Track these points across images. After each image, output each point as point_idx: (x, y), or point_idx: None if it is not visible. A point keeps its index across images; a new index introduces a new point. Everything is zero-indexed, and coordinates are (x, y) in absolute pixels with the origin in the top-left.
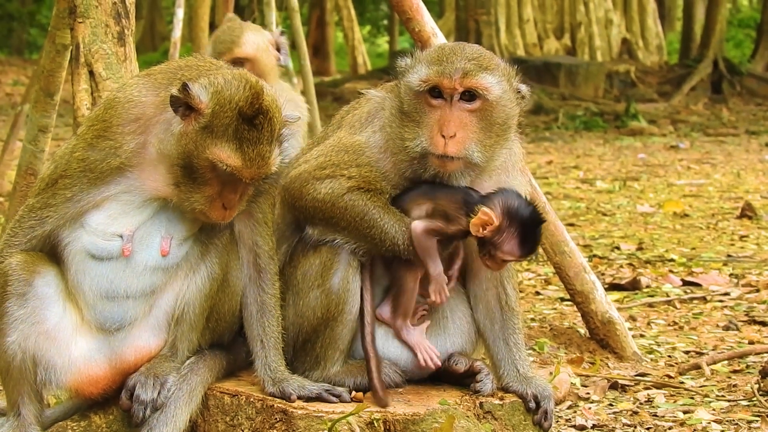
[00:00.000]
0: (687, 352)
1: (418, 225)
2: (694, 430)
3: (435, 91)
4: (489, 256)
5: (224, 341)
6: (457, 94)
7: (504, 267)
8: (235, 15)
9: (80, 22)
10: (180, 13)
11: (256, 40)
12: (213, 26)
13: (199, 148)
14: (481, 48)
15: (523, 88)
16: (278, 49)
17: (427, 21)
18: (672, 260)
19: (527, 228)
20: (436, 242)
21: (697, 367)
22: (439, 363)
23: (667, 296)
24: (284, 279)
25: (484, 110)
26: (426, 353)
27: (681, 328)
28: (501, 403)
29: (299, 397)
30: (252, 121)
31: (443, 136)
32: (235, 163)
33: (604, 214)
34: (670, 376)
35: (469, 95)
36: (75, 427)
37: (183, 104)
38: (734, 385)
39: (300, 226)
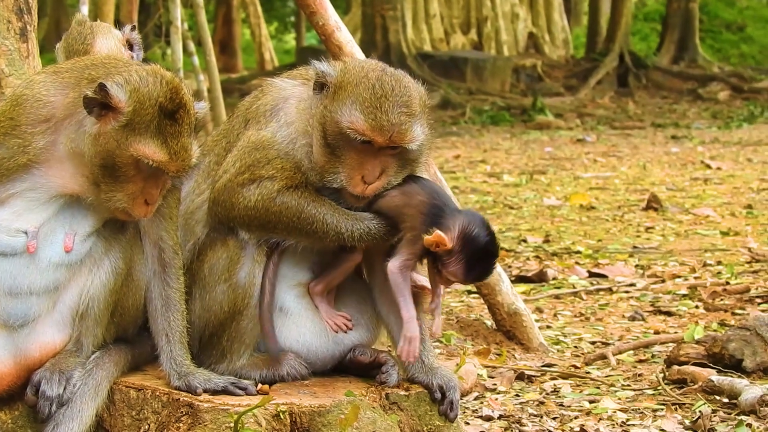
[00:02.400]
0: (593, 343)
1: (393, 264)
2: (600, 419)
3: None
4: (436, 270)
5: (129, 335)
6: (386, 146)
7: (449, 285)
8: (84, 16)
9: None
10: (84, 10)
11: (108, 44)
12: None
13: (122, 147)
14: (406, 83)
15: (431, 123)
16: (131, 47)
17: (330, 15)
18: (578, 252)
19: (477, 257)
20: (410, 280)
21: (603, 357)
22: (351, 327)
23: (574, 288)
24: (191, 273)
25: (405, 153)
26: (338, 320)
27: (587, 319)
28: (407, 394)
29: (205, 391)
30: (173, 115)
31: (364, 181)
32: (161, 158)
33: (511, 208)
34: (576, 367)
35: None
36: None
37: (97, 104)
38: (639, 375)
39: (207, 223)
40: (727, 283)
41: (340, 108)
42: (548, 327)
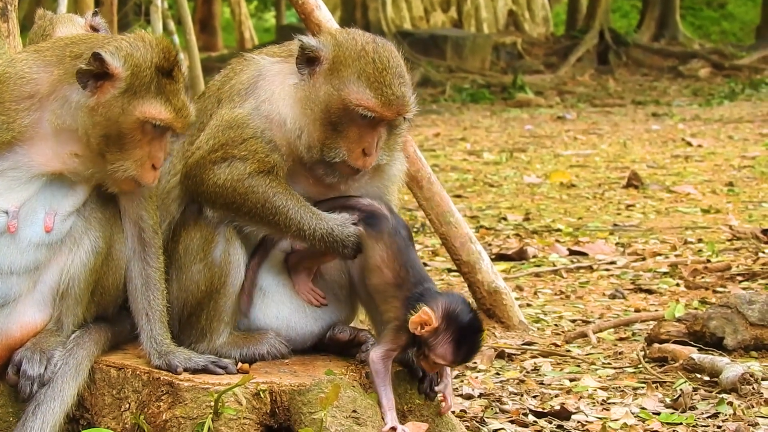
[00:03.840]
0: (573, 321)
1: (375, 353)
2: (581, 397)
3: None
4: (423, 356)
5: (109, 315)
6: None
7: (435, 370)
8: (44, 11)
9: None
10: None
11: (70, 32)
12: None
13: (126, 112)
14: (394, 50)
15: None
16: (96, 32)
17: None
18: (558, 230)
19: (464, 335)
20: (390, 370)
21: (584, 335)
22: (325, 302)
23: (554, 266)
24: (167, 254)
25: (398, 122)
26: (310, 294)
27: (567, 297)
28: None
29: (185, 370)
30: (170, 74)
31: (365, 154)
32: (168, 117)
33: (491, 186)
34: (556, 345)
35: None
36: None
37: (92, 76)
38: (620, 353)
39: (182, 201)
40: (708, 260)
41: (345, 85)
42: (528, 305)
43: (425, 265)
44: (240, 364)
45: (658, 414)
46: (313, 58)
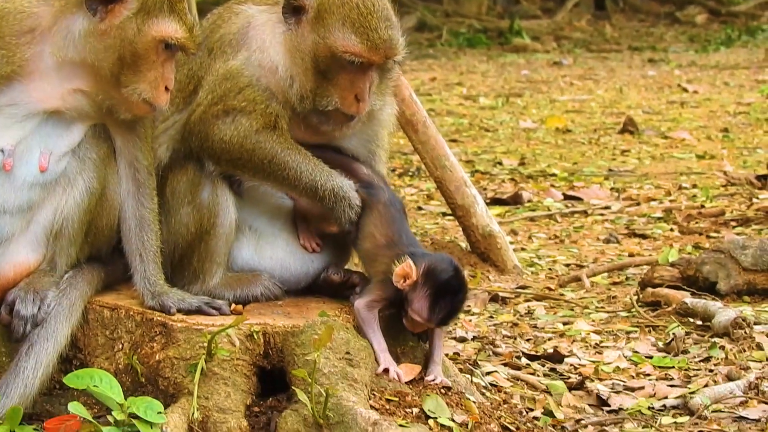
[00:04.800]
0: (567, 265)
1: (360, 302)
2: (574, 340)
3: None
4: (405, 313)
5: (102, 255)
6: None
7: (418, 329)
8: None
9: None
10: None
11: None
12: None
13: (142, 32)
14: None
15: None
16: None
17: None
18: (554, 175)
19: (442, 293)
20: (377, 316)
21: (577, 279)
22: (318, 248)
23: (549, 210)
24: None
25: (386, 65)
26: (309, 241)
27: (562, 241)
28: (380, 314)
29: (179, 310)
30: None
31: (357, 99)
32: (183, 35)
33: (487, 130)
34: (550, 289)
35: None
36: None
37: (100, 2)
38: (614, 297)
39: (170, 146)
40: (702, 206)
41: (330, 33)
42: (523, 249)
43: (419, 209)
44: (233, 305)
45: (651, 358)
46: (299, 7)
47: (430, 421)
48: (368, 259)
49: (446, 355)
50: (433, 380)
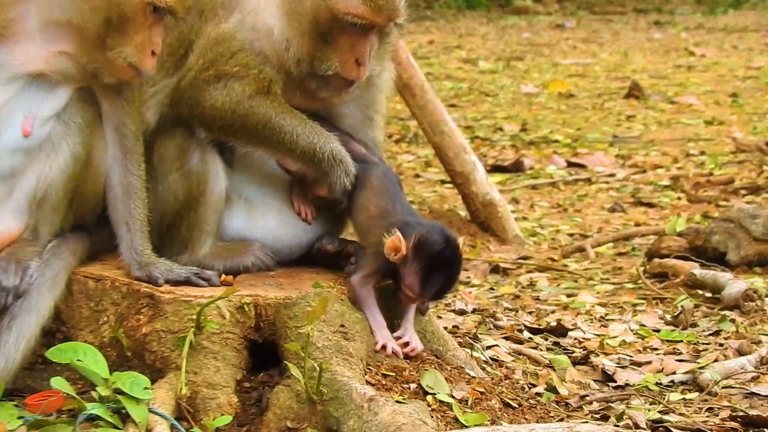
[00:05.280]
0: (571, 235)
1: (354, 277)
2: (578, 313)
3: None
4: (399, 288)
5: (87, 224)
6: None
7: (411, 303)
8: None
9: None
10: None
11: None
12: None
13: None
14: None
15: None
16: None
17: None
18: (556, 141)
19: (433, 267)
20: (373, 292)
21: (581, 249)
22: (312, 217)
23: (551, 178)
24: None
25: (388, 29)
26: (303, 205)
27: (565, 210)
28: (376, 287)
29: (167, 281)
30: None
31: (358, 64)
32: None
33: (487, 95)
34: (553, 259)
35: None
36: None
37: None
38: (619, 268)
39: (158, 111)
40: (711, 173)
41: None
42: (524, 218)
43: (417, 176)
44: (223, 276)
45: (658, 331)
46: None
47: (429, 397)
48: (362, 232)
49: (445, 328)
50: (401, 337)
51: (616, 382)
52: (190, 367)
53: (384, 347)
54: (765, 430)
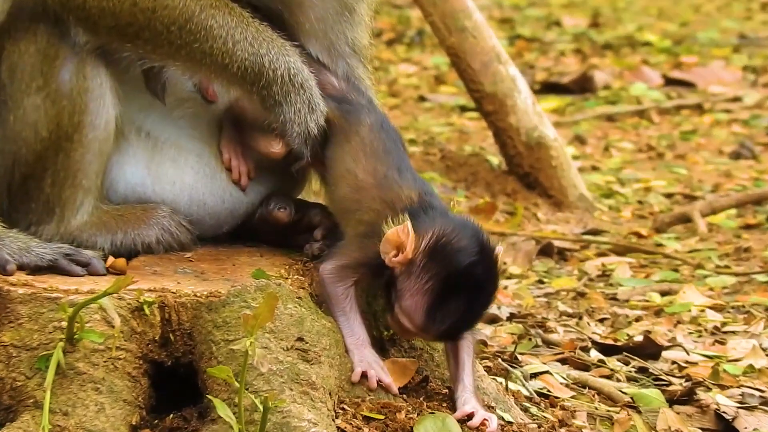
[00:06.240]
0: (669, 196)
1: (325, 266)
2: (678, 322)
3: None
4: (391, 307)
5: None
6: None
7: (406, 337)
8: None
9: None
10: None
11: None
12: None
13: None
14: None
15: None
16: None
17: None
18: (647, 44)
19: (452, 290)
20: (353, 291)
21: (686, 219)
22: (246, 178)
23: (639, 104)
24: None
25: None
26: (235, 156)
27: (660, 155)
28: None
29: (20, 267)
30: None
31: None
32: None
33: None
34: (640, 235)
35: None
36: None
37: None
38: (746, 250)
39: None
40: None
41: None
42: (595, 169)
43: (422, 99)
44: (111, 259)
45: None
46: None
47: None
48: (344, 209)
49: None
50: (470, 413)
51: (738, 431)
52: (58, 403)
53: (365, 375)
54: None
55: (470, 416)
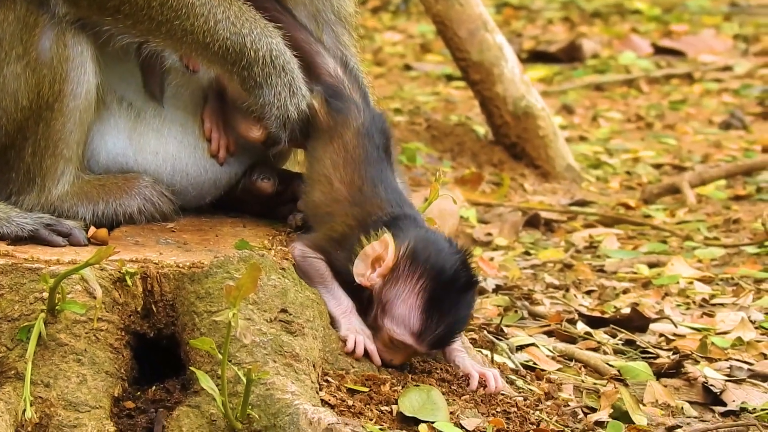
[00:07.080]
0: (658, 167)
1: (296, 246)
2: (666, 294)
3: None
4: (375, 323)
5: None
6: None
7: (398, 359)
8: None
9: None
10: None
11: None
12: None
13: None
14: None
15: None
16: None
17: None
18: (637, 12)
19: (438, 296)
20: (326, 265)
21: (675, 190)
22: (225, 152)
23: (628, 73)
24: None
25: None
26: (215, 131)
27: (649, 125)
28: None
29: (1, 237)
30: None
31: None
32: None
33: None
34: (627, 206)
35: None
36: None
37: None
38: (735, 221)
39: None
40: None
41: None
42: (582, 138)
43: (407, 68)
44: (92, 229)
45: None
46: None
47: (421, 427)
48: (317, 216)
49: None
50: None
51: (725, 405)
52: (39, 375)
53: (353, 345)
54: None
55: (469, 377)
